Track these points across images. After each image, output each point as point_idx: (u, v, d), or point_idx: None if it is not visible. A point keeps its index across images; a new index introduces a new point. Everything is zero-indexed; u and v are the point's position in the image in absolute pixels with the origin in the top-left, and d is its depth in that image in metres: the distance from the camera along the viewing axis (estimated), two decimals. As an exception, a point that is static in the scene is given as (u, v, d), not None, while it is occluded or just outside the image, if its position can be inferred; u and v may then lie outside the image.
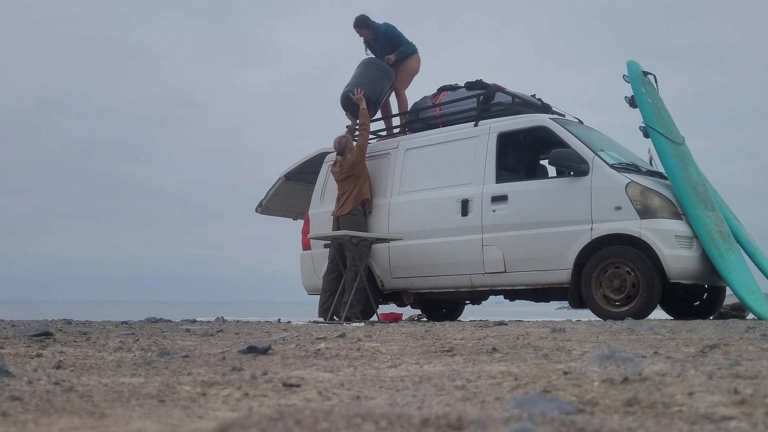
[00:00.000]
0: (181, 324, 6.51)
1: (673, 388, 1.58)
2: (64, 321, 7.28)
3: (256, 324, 6.58)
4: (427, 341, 3.49)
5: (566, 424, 1.18)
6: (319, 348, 3.09)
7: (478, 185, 6.83)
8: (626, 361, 2.08)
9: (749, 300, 5.97)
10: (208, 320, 8.06)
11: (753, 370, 1.89)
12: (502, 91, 7.38)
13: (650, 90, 6.94)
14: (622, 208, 5.94)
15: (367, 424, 1.16)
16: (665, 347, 2.80)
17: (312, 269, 8.01)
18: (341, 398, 1.66)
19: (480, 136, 6.96)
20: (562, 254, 6.21)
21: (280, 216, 9.39)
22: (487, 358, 2.55)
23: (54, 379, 1.98)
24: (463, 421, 1.19)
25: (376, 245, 7.41)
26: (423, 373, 2.11)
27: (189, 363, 2.49)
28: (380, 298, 7.63)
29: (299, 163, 8.68)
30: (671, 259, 5.75)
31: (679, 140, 6.79)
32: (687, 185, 6.17)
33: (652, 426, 1.24)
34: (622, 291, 5.94)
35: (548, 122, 6.68)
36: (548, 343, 3.09)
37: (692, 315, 6.65)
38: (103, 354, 2.87)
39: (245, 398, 1.66)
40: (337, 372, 2.17)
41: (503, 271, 6.61)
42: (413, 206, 7.21)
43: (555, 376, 1.85)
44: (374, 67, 7.99)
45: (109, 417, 1.38)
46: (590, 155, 6.21)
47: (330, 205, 7.90)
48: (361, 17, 8.25)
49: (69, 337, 3.91)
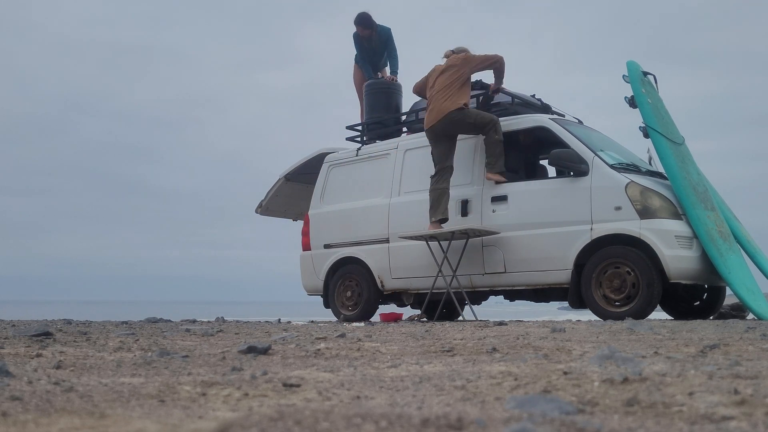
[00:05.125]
0: (181, 324, 6.51)
1: (673, 388, 1.58)
2: (64, 321, 7.28)
3: (256, 324, 6.58)
4: (427, 341, 3.48)
5: (566, 424, 1.18)
6: (319, 348, 3.09)
7: (477, 185, 6.83)
8: (626, 361, 2.08)
9: (749, 300, 5.97)
10: (208, 320, 8.06)
11: (753, 370, 1.89)
12: (502, 92, 7.38)
13: (650, 90, 6.94)
14: (622, 209, 5.94)
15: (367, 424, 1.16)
16: (665, 347, 2.80)
17: (312, 270, 8.01)
18: (341, 398, 1.66)
19: (480, 137, 6.96)
20: (562, 254, 6.21)
21: (280, 217, 9.40)
22: (487, 358, 2.55)
23: (54, 379, 1.98)
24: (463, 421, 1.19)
25: (375, 246, 7.41)
26: (423, 373, 2.11)
27: (189, 363, 2.49)
28: (380, 299, 7.64)
29: (299, 164, 8.69)
30: (671, 260, 5.75)
31: (678, 140, 6.80)
32: (687, 185, 6.17)
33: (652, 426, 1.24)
34: (622, 291, 5.94)
35: (548, 122, 6.68)
36: (548, 343, 3.09)
37: (692, 315, 6.65)
38: (103, 354, 2.87)
39: (245, 398, 1.66)
40: (337, 372, 2.17)
41: (503, 271, 6.61)
42: (413, 207, 7.20)
43: (555, 376, 1.85)
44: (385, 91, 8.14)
45: (109, 417, 1.38)
46: (590, 155, 6.21)
47: (330, 206, 7.90)
48: (366, 15, 8.29)
49: (69, 337, 3.91)
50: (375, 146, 7.89)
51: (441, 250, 6.80)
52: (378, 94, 8.08)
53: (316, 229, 8.00)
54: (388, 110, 8.05)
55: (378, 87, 8.14)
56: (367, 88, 8.18)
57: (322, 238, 7.94)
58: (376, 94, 8.08)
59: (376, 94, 8.08)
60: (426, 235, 6.78)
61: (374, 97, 8.07)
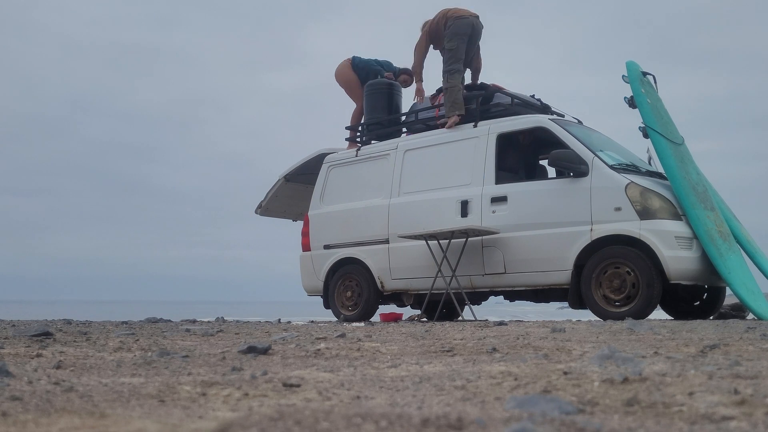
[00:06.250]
0: (181, 324, 6.51)
1: (673, 388, 1.58)
2: (64, 321, 7.29)
3: (256, 324, 6.58)
4: (427, 341, 3.48)
5: (566, 424, 1.18)
6: (319, 348, 3.09)
7: (477, 186, 6.83)
8: (626, 361, 2.09)
9: (749, 300, 5.97)
10: (208, 320, 8.06)
11: (753, 370, 1.89)
12: (501, 92, 7.38)
13: (650, 90, 6.94)
14: (622, 209, 5.94)
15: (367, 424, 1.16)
16: (665, 347, 2.80)
17: (312, 270, 8.00)
18: (341, 398, 1.66)
19: (479, 137, 6.96)
20: (562, 255, 6.21)
21: (280, 217, 9.40)
22: (487, 358, 2.55)
23: (54, 379, 1.98)
24: (463, 421, 1.19)
25: (375, 246, 7.41)
26: (423, 373, 2.11)
27: (189, 363, 2.49)
28: (380, 299, 7.63)
29: (298, 165, 8.68)
30: (671, 260, 5.75)
31: (678, 140, 6.80)
32: (686, 185, 6.17)
33: (652, 426, 1.24)
34: (622, 291, 5.93)
35: (547, 123, 6.68)
36: (548, 343, 3.09)
37: (692, 315, 6.65)
38: (103, 354, 2.87)
39: (245, 398, 1.66)
40: (337, 372, 2.17)
41: (503, 272, 6.61)
42: (413, 207, 7.20)
43: (555, 376, 1.85)
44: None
45: (109, 417, 1.38)
46: (590, 156, 6.21)
47: (329, 206, 7.91)
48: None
49: (69, 337, 3.91)
50: (375, 147, 7.89)
51: (441, 250, 6.80)
52: (379, 94, 8.08)
53: (315, 230, 8.00)
54: (389, 111, 8.05)
55: (379, 87, 8.14)
56: (369, 88, 8.18)
57: (322, 239, 7.93)
58: (376, 94, 8.08)
59: (376, 94, 8.08)
60: (425, 235, 6.79)
61: (375, 97, 8.08)
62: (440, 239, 6.79)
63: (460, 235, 6.69)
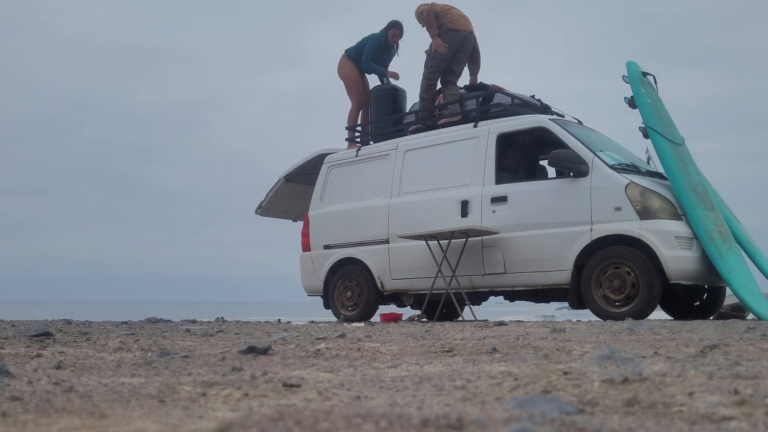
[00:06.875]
0: (181, 324, 6.51)
1: (673, 389, 1.58)
2: (64, 321, 7.29)
3: (256, 324, 6.58)
4: (427, 341, 3.48)
5: (566, 424, 1.18)
6: (319, 348, 3.09)
7: (477, 186, 6.83)
8: (626, 361, 2.09)
9: (749, 300, 5.97)
10: (208, 321, 8.06)
11: (753, 370, 1.89)
12: (501, 92, 7.38)
13: (650, 90, 6.94)
14: (622, 209, 5.94)
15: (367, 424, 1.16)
16: (665, 347, 2.80)
17: (312, 270, 8.00)
18: (341, 398, 1.66)
19: (479, 137, 6.97)
20: (562, 255, 6.21)
21: (280, 217, 9.40)
22: (487, 358, 2.55)
23: (54, 379, 1.98)
24: (463, 421, 1.19)
25: (375, 246, 7.41)
26: (423, 373, 2.11)
27: (189, 363, 2.49)
28: (380, 299, 7.63)
29: (299, 165, 8.69)
30: (671, 260, 5.75)
31: (678, 141, 6.80)
32: (687, 185, 6.17)
33: (652, 426, 1.24)
34: (622, 291, 5.94)
35: (547, 123, 6.68)
36: (548, 344, 3.09)
37: (692, 315, 6.65)
38: (103, 354, 2.87)
39: (245, 398, 1.66)
40: (337, 372, 2.17)
41: (503, 272, 6.61)
42: (413, 207, 7.21)
43: (555, 377, 1.85)
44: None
45: (109, 417, 1.38)
46: (590, 156, 6.21)
47: (330, 206, 7.91)
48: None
49: (69, 338, 3.91)
50: (375, 147, 7.89)
51: (441, 250, 6.80)
52: (387, 99, 8.21)
53: (315, 230, 8.00)
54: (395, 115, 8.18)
55: (387, 92, 8.28)
56: (374, 93, 8.33)
57: (322, 239, 7.94)
58: (384, 99, 8.21)
59: (384, 99, 8.21)
60: (425, 235, 6.79)
61: (383, 102, 8.20)
62: (440, 239, 6.79)
63: (460, 235, 6.69)
